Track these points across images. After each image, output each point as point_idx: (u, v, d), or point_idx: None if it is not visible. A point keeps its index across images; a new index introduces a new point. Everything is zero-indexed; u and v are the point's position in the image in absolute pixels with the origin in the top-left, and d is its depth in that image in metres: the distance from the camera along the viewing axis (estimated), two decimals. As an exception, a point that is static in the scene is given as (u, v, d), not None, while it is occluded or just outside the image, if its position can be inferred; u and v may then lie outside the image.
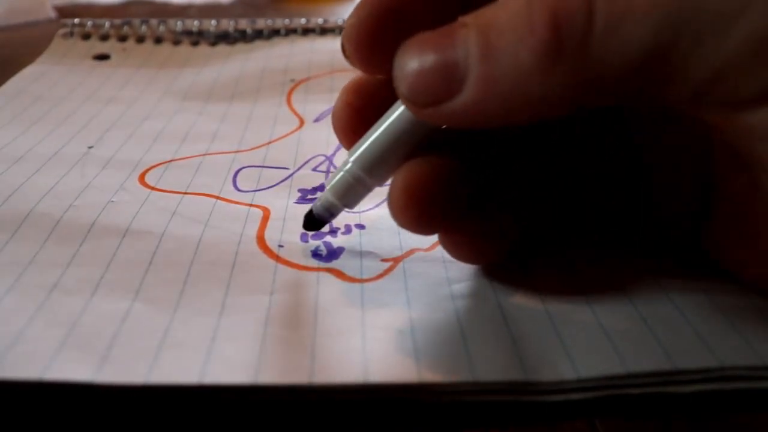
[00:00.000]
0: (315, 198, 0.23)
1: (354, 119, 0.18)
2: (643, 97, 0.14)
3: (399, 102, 0.16)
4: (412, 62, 0.15)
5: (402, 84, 0.15)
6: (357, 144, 0.18)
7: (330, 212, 0.19)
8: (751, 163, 0.15)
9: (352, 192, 0.18)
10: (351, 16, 0.17)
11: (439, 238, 0.18)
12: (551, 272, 0.19)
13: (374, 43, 0.16)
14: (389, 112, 0.17)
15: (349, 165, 0.18)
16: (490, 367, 0.15)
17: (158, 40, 0.41)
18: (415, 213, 0.16)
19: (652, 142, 0.18)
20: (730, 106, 0.14)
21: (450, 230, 0.17)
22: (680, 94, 0.14)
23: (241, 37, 0.42)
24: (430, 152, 0.17)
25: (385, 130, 0.17)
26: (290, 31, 0.43)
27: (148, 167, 0.25)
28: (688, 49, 0.13)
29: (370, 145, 0.17)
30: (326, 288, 0.18)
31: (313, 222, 0.19)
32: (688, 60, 0.13)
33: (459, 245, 0.18)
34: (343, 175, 0.18)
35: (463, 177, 0.17)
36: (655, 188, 0.18)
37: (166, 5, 0.54)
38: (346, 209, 0.19)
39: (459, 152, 0.17)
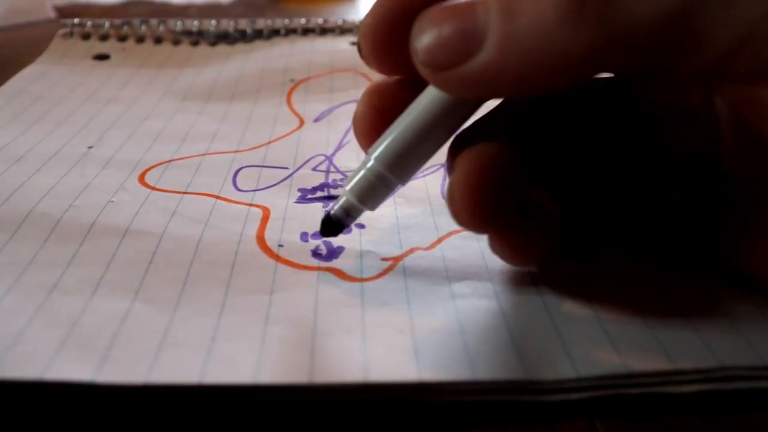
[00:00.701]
0: (315, 198, 0.23)
1: (377, 122, 0.17)
2: (666, 61, 0.14)
3: (422, 95, 0.16)
4: (431, 26, 0.15)
5: (419, 45, 0.15)
6: (378, 141, 0.17)
7: (349, 215, 0.18)
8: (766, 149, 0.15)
9: (374, 192, 0.17)
10: (366, 17, 0.17)
11: (492, 239, 0.17)
12: (551, 271, 0.19)
13: (390, 43, 0.16)
14: (412, 106, 0.16)
15: (371, 163, 0.17)
16: (490, 366, 0.15)
17: (158, 40, 0.41)
18: (480, 206, 0.16)
19: (662, 130, 0.18)
20: (752, 77, 0.14)
21: (506, 226, 0.17)
22: (706, 58, 0.14)
23: (241, 37, 0.42)
24: (481, 141, 0.16)
25: (409, 124, 0.16)
26: (290, 31, 0.43)
27: (148, 167, 0.25)
28: (717, 10, 0.13)
29: (393, 140, 0.16)
30: (326, 287, 0.18)
31: (331, 226, 0.18)
32: (715, 21, 0.13)
33: (509, 245, 0.17)
34: (364, 174, 0.17)
35: (521, 165, 0.16)
36: (664, 178, 0.18)
37: (165, 5, 0.54)
38: (367, 211, 0.18)
39: (502, 141, 0.16)
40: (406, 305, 0.17)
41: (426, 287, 0.18)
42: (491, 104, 0.18)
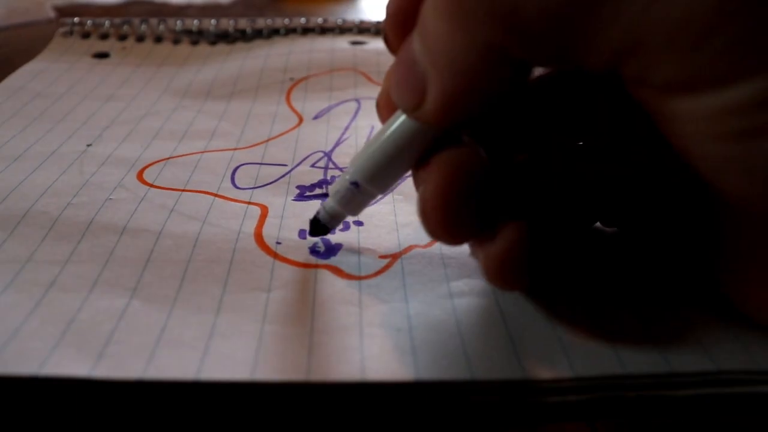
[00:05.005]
0: (314, 195, 0.23)
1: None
2: (566, 56, 0.14)
3: (398, 112, 0.16)
4: (392, 76, 0.16)
5: (391, 92, 0.16)
6: (358, 153, 0.17)
7: (334, 218, 0.19)
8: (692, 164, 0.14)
9: (354, 201, 0.18)
10: (389, 5, 0.17)
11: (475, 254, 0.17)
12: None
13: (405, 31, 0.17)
14: (388, 122, 0.17)
15: (350, 174, 0.18)
16: (488, 365, 0.15)
17: (158, 39, 0.41)
18: (455, 215, 0.15)
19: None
20: (650, 87, 0.13)
21: (479, 237, 0.16)
22: (600, 56, 0.13)
23: (241, 36, 0.42)
24: (455, 146, 0.16)
25: (385, 140, 0.17)
26: (290, 31, 0.43)
27: (146, 164, 0.25)
28: (609, 11, 0.12)
29: (371, 154, 0.17)
30: (324, 285, 0.18)
31: (318, 228, 0.19)
32: (608, 21, 0.13)
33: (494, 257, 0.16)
34: (345, 185, 0.18)
35: (490, 171, 0.16)
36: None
37: (165, 5, 0.54)
38: (350, 216, 0.19)
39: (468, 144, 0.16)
40: (404, 303, 0.17)
41: (424, 285, 0.18)
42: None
